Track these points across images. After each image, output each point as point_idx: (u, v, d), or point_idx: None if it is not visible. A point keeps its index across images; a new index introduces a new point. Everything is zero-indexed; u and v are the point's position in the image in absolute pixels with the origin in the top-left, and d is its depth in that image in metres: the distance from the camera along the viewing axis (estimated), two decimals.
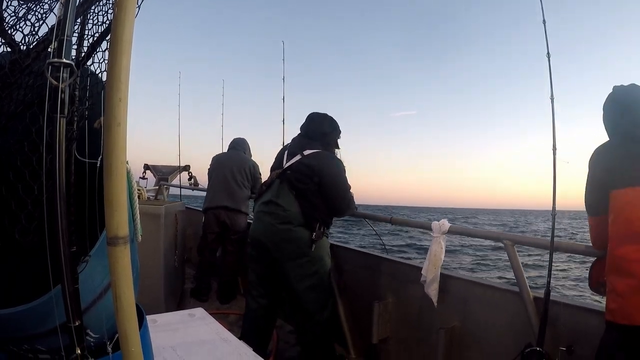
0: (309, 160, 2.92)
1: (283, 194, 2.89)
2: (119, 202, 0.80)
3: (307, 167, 2.89)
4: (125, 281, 0.81)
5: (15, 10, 1.18)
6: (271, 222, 2.87)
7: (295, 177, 2.89)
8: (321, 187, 2.88)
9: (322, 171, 2.88)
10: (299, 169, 2.90)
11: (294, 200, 2.85)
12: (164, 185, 7.34)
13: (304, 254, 2.84)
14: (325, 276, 2.96)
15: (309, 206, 2.85)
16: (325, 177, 2.88)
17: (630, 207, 1.70)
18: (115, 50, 0.79)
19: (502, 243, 2.38)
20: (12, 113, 1.11)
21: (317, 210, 2.88)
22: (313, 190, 2.86)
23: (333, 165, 2.98)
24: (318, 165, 2.89)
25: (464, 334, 2.56)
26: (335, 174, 2.96)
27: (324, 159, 2.96)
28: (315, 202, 2.87)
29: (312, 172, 2.87)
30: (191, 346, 1.98)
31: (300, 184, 2.86)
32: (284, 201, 2.87)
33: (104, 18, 1.13)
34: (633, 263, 1.63)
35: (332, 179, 2.93)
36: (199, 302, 4.55)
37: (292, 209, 2.84)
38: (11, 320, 0.90)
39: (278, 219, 2.85)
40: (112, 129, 0.79)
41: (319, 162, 2.91)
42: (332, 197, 2.93)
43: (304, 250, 2.84)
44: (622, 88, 1.96)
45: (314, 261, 2.88)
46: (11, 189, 1.04)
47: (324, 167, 2.90)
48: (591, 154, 1.92)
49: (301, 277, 2.86)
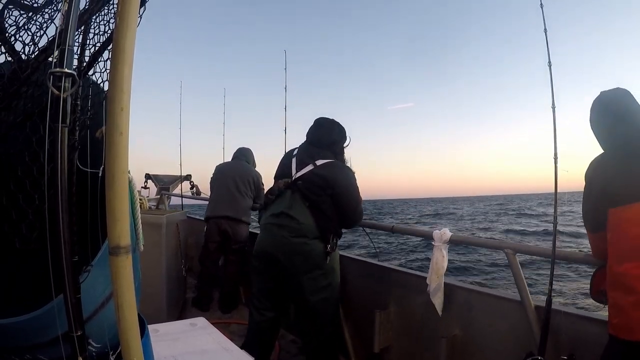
0: (322, 171, 2.85)
1: (296, 205, 2.81)
2: (121, 212, 0.80)
3: (321, 178, 2.82)
4: (127, 291, 0.81)
5: (16, 19, 1.18)
6: (283, 234, 2.79)
7: (308, 188, 2.81)
8: (334, 198, 2.83)
9: (336, 183, 2.82)
10: (312, 180, 2.83)
11: (307, 212, 2.78)
12: (165, 194, 7.34)
13: (319, 266, 2.80)
14: (337, 288, 2.94)
15: (324, 218, 2.80)
16: (339, 188, 2.83)
17: (628, 225, 1.69)
18: (117, 60, 0.79)
19: (504, 252, 2.37)
20: (12, 122, 1.11)
21: (331, 222, 2.84)
22: (327, 201, 2.81)
23: (347, 176, 2.93)
24: (332, 177, 2.83)
25: (465, 342, 2.54)
26: (349, 186, 2.92)
27: (338, 170, 2.91)
28: (329, 214, 2.82)
29: (326, 183, 2.80)
30: (193, 356, 1.97)
31: (314, 195, 2.80)
32: (298, 213, 2.79)
33: (106, 27, 1.14)
34: (634, 279, 1.62)
35: (347, 190, 2.88)
36: (200, 312, 4.53)
37: (306, 221, 2.77)
38: (13, 329, 0.90)
39: (292, 232, 2.77)
40: (114, 138, 0.79)
41: (333, 173, 2.85)
42: (344, 209, 2.89)
43: (319, 263, 2.79)
44: (611, 95, 1.93)
45: (327, 273, 2.85)
46: (12, 198, 1.04)
47: (339, 179, 2.85)
48: (587, 167, 1.91)
49: (316, 290, 2.81)
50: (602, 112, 1.93)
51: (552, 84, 2.28)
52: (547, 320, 2.05)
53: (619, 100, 1.89)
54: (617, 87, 1.94)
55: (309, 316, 2.91)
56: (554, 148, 2.24)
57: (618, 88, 1.93)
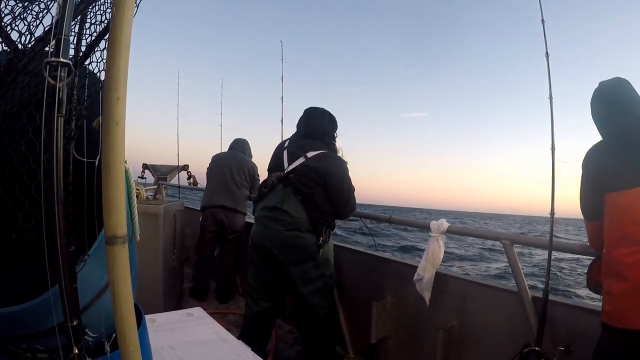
0: (313, 162, 2.84)
1: (288, 199, 2.81)
2: (118, 202, 0.80)
3: (312, 170, 2.81)
4: (124, 281, 0.81)
5: (12, 9, 1.17)
6: (276, 228, 2.80)
7: (300, 181, 2.81)
8: (327, 190, 2.82)
9: (328, 174, 2.81)
10: (303, 173, 2.82)
11: (300, 205, 2.79)
12: (163, 184, 7.32)
13: (311, 258, 2.81)
14: (330, 278, 2.94)
15: (316, 211, 2.80)
16: (332, 179, 2.83)
17: (624, 210, 1.70)
18: (113, 50, 0.79)
19: (501, 243, 2.38)
20: (8, 112, 1.11)
21: (324, 214, 2.84)
22: (319, 194, 2.81)
23: (339, 167, 2.92)
24: (324, 168, 2.82)
25: (462, 333, 2.56)
26: (341, 176, 2.90)
27: (331, 161, 2.89)
28: (321, 207, 2.82)
29: (318, 175, 2.80)
30: (190, 346, 1.98)
31: (306, 188, 2.80)
32: (290, 207, 2.79)
33: (102, 17, 1.13)
34: (626, 266, 1.63)
35: (340, 181, 2.88)
36: (197, 302, 4.55)
37: (299, 215, 2.77)
38: (9, 319, 0.90)
39: (285, 225, 2.78)
40: (110, 128, 0.78)
41: (324, 164, 2.84)
42: (337, 200, 2.88)
43: (312, 255, 2.81)
44: (609, 84, 1.94)
45: (320, 265, 2.86)
46: (8, 188, 1.04)
47: (331, 170, 2.84)
48: (584, 156, 1.92)
49: (307, 281, 2.83)
50: (601, 100, 1.94)
51: (549, 75, 2.28)
52: (545, 311, 2.06)
53: (616, 88, 1.91)
54: (616, 76, 1.94)
55: (303, 307, 2.92)
56: (551, 139, 2.24)
57: (616, 77, 1.94)
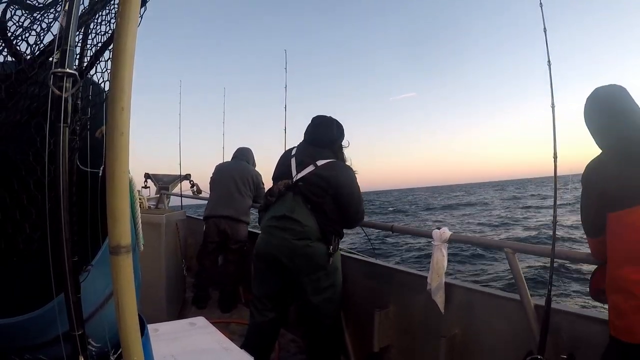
0: (324, 171, 2.83)
1: (298, 208, 2.78)
2: (121, 211, 0.81)
3: (323, 179, 2.80)
4: (128, 290, 0.81)
5: (20, 20, 1.18)
6: (286, 237, 2.76)
7: (310, 189, 2.79)
8: (337, 199, 2.81)
9: (339, 183, 2.81)
10: (313, 182, 2.81)
11: (310, 214, 2.76)
12: (165, 194, 7.33)
13: (322, 267, 2.79)
14: (339, 287, 2.93)
15: (326, 219, 2.78)
16: (342, 189, 2.82)
17: (628, 230, 1.66)
18: (117, 60, 0.80)
19: (503, 251, 2.38)
20: (16, 122, 1.11)
21: (333, 223, 2.83)
22: (329, 203, 2.79)
23: (349, 177, 2.92)
24: (335, 177, 2.81)
25: (465, 342, 2.54)
26: (352, 186, 2.90)
27: (341, 170, 2.89)
28: (331, 215, 2.81)
29: (328, 184, 2.79)
30: (192, 355, 1.98)
31: (316, 197, 2.78)
32: (300, 216, 2.76)
33: (107, 28, 1.14)
34: (634, 285, 1.60)
35: (349, 191, 2.87)
36: (199, 310, 4.54)
37: (309, 224, 2.74)
38: (13, 329, 0.90)
39: (294, 234, 2.75)
40: (114, 138, 0.79)
41: (335, 173, 2.83)
42: (347, 210, 2.88)
43: (322, 264, 2.78)
44: (607, 91, 1.87)
45: (330, 274, 2.84)
46: (15, 198, 1.04)
47: (341, 180, 2.83)
48: (584, 170, 1.86)
49: (319, 290, 2.81)
50: (597, 110, 1.87)
51: (551, 82, 2.27)
52: (547, 319, 2.04)
53: (615, 97, 1.84)
54: (612, 83, 1.88)
55: (312, 316, 2.90)
56: (554, 147, 2.22)
57: (613, 85, 1.87)
